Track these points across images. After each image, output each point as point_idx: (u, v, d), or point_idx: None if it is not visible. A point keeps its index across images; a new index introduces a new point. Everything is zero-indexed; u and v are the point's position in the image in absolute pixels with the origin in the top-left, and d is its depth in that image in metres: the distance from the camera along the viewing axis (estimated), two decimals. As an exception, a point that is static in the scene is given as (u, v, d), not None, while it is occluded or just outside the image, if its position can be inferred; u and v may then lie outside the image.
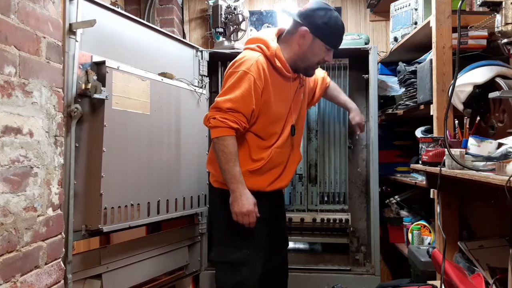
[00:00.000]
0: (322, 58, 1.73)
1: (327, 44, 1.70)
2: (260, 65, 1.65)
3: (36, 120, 1.36)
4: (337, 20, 1.70)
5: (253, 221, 1.63)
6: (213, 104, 1.66)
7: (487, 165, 1.24)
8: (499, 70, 1.50)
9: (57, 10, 1.48)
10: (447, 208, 1.74)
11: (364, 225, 2.51)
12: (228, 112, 1.61)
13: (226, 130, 1.61)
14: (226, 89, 1.65)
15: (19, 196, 1.29)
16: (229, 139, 1.61)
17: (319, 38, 1.68)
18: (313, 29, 1.67)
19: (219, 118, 1.61)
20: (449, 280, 1.47)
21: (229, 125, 1.60)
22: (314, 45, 1.69)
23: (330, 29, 1.68)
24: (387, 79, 2.54)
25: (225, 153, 1.61)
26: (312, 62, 1.74)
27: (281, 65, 1.70)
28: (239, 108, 1.62)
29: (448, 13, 1.74)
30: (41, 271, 1.39)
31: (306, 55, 1.71)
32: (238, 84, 1.63)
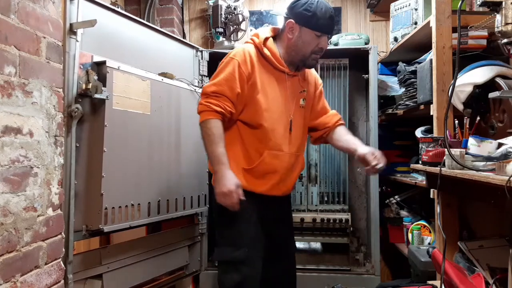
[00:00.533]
0: (316, 46, 1.69)
1: (315, 30, 1.66)
2: (246, 52, 1.67)
3: (36, 120, 1.36)
4: (320, 4, 1.66)
5: (235, 201, 1.57)
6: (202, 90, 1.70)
7: (487, 165, 1.24)
8: (499, 70, 1.50)
9: (57, 10, 1.48)
10: (447, 208, 1.74)
11: (364, 225, 2.51)
12: (211, 96, 1.62)
13: (209, 113, 1.61)
14: (213, 76, 1.68)
15: (19, 196, 1.29)
16: (212, 121, 1.61)
17: (305, 26, 1.66)
18: (297, 18, 1.66)
19: (204, 102, 1.63)
20: (449, 280, 1.47)
21: (213, 108, 1.60)
22: (302, 34, 1.67)
23: (314, 15, 1.65)
24: (387, 79, 2.54)
25: (209, 135, 1.61)
26: (306, 52, 1.70)
27: (271, 55, 1.70)
28: (223, 91, 1.62)
29: (448, 13, 1.74)
30: (41, 271, 1.38)
31: (297, 46, 1.69)
32: (223, 69, 1.65)
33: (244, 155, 1.69)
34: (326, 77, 2.49)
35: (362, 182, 2.55)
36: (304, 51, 1.70)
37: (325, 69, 2.48)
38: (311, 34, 1.67)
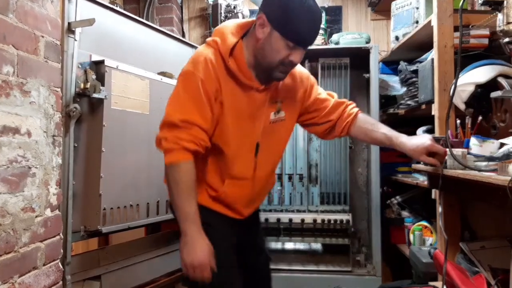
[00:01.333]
0: (285, 57, 1.31)
1: (285, 38, 1.28)
2: (209, 63, 1.32)
3: (34, 120, 1.35)
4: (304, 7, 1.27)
5: (207, 276, 1.28)
6: (163, 117, 1.33)
7: (489, 165, 1.23)
8: (501, 70, 1.49)
9: (56, 9, 1.48)
10: (448, 209, 1.73)
11: (365, 225, 2.50)
12: (180, 127, 1.28)
13: (179, 153, 1.28)
14: (173, 95, 1.34)
15: (17, 197, 1.28)
16: (183, 166, 1.28)
17: (276, 30, 1.28)
18: (270, 16, 1.29)
19: (169, 137, 1.28)
20: (451, 281, 1.46)
21: (185, 146, 1.27)
22: (271, 37, 1.30)
23: (290, 19, 1.27)
24: (388, 79, 2.53)
25: (178, 184, 1.29)
26: (273, 61, 1.32)
27: (238, 69, 1.35)
28: (194, 120, 1.28)
29: (449, 12, 1.73)
30: (39, 272, 1.38)
31: (264, 50, 1.32)
32: (185, 88, 1.32)
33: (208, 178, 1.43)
34: (327, 77, 2.48)
35: (363, 183, 2.54)
36: (270, 59, 1.33)
37: (326, 69, 2.47)
38: (281, 41, 1.29)
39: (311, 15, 1.30)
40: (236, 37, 1.37)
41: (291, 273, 2.38)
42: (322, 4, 3.04)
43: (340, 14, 3.09)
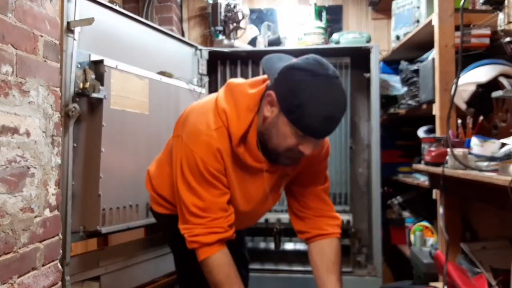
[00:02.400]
0: (294, 145, 1.14)
1: (294, 126, 1.11)
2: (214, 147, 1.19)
3: (33, 120, 1.35)
4: (319, 93, 1.08)
5: None
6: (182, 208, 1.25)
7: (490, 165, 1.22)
8: (502, 69, 1.49)
9: (55, 9, 1.47)
10: (449, 209, 1.72)
11: (366, 226, 2.50)
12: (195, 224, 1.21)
13: (203, 251, 1.21)
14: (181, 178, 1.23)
15: (16, 197, 1.28)
16: (211, 261, 1.20)
17: (284, 114, 1.11)
18: (279, 95, 1.12)
19: (189, 238, 1.22)
20: (452, 282, 1.46)
21: (204, 242, 1.19)
22: (279, 122, 1.13)
23: (301, 107, 1.07)
24: (389, 78, 2.52)
25: (213, 282, 1.22)
26: (279, 146, 1.16)
27: (247, 152, 1.21)
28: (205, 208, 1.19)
29: (450, 11, 1.73)
30: (38, 273, 1.37)
31: (271, 130, 1.16)
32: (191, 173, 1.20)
33: None
34: (327, 76, 2.47)
35: (364, 183, 2.53)
36: (276, 144, 1.16)
37: (326, 69, 2.46)
38: (288, 127, 1.12)
39: (326, 103, 1.09)
40: (252, 113, 1.19)
41: (292, 274, 2.38)
42: (323, 3, 3.04)
43: (340, 13, 3.08)
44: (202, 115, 1.23)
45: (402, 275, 2.47)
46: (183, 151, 1.23)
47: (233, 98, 1.21)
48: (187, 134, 1.23)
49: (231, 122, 1.18)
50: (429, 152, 1.57)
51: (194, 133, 1.21)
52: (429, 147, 1.62)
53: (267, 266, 2.43)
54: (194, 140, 1.20)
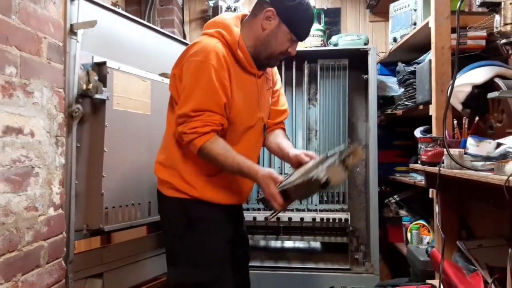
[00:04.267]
0: (285, 49, 1.48)
1: (293, 33, 1.45)
2: (220, 53, 1.40)
3: (37, 121, 1.37)
4: (309, 8, 1.46)
5: (279, 202, 1.38)
6: (176, 112, 1.42)
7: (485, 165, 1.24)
8: (498, 71, 1.50)
9: (58, 11, 1.49)
10: (446, 208, 1.74)
11: (364, 224, 2.52)
12: (193, 118, 1.37)
13: (200, 139, 1.37)
14: (185, 87, 1.41)
15: (21, 196, 1.29)
16: (208, 145, 1.37)
17: (285, 24, 1.43)
18: (280, 11, 1.43)
19: (188, 130, 1.37)
20: (448, 279, 1.48)
21: (201, 132, 1.36)
22: (279, 31, 1.44)
23: (299, 16, 1.44)
24: (387, 80, 2.54)
25: (216, 159, 1.39)
26: (275, 51, 1.48)
27: (244, 57, 1.47)
28: (205, 107, 1.37)
29: (447, 13, 1.75)
30: (42, 271, 1.39)
31: (269, 41, 1.46)
32: (197, 78, 1.38)
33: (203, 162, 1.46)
34: (326, 78, 2.49)
35: (362, 182, 2.55)
36: (273, 50, 1.48)
37: (325, 70, 2.49)
38: (287, 35, 1.45)
39: (311, 16, 1.50)
40: (238, 29, 1.48)
41: (291, 271, 2.40)
42: (321, 6, 3.06)
43: (339, 16, 3.10)
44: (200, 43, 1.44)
45: (399, 273, 2.49)
46: (194, 68, 1.39)
47: (222, 24, 1.48)
48: (195, 54, 1.41)
49: (226, 35, 1.44)
50: (425, 152, 1.59)
51: (202, 49, 1.40)
52: (425, 147, 1.63)
53: (267, 264, 2.44)
54: (203, 54, 1.39)
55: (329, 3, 3.13)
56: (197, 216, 1.48)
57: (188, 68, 1.41)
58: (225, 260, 1.52)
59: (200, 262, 1.46)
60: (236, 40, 1.45)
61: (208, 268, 1.46)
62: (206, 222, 1.49)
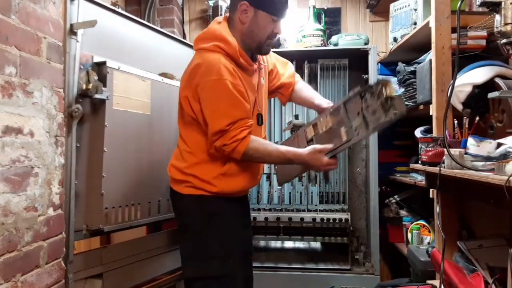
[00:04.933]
0: (271, 31, 1.58)
1: (272, 14, 1.54)
2: (228, 66, 1.51)
3: (37, 120, 1.36)
4: None
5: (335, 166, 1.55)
6: (210, 131, 1.51)
7: (486, 165, 1.24)
8: (499, 70, 1.50)
9: (58, 11, 1.49)
10: (446, 208, 1.74)
11: (364, 224, 2.52)
12: (230, 130, 1.48)
13: (241, 145, 1.49)
14: (210, 107, 1.51)
15: (20, 196, 1.29)
16: (251, 147, 1.50)
17: (261, 9, 1.53)
18: (252, 1, 1.53)
19: (228, 142, 1.49)
20: (449, 279, 1.48)
21: (240, 138, 1.48)
22: (257, 18, 1.54)
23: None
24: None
25: (263, 157, 1.55)
26: (262, 38, 1.58)
27: (244, 60, 1.57)
28: (236, 117, 1.49)
29: (447, 13, 1.75)
30: (42, 271, 1.39)
31: (252, 31, 1.56)
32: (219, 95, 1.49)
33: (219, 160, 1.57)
34: (326, 78, 2.49)
35: (362, 182, 2.55)
36: (260, 37, 1.57)
37: (325, 69, 2.49)
38: (267, 18, 1.55)
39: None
40: (233, 37, 1.56)
41: (291, 272, 2.40)
42: (321, 6, 3.06)
43: (339, 16, 3.10)
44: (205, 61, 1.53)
45: (400, 273, 2.49)
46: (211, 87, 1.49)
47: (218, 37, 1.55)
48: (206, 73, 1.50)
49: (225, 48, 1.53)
50: (426, 152, 1.59)
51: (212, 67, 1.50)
52: (426, 147, 1.63)
53: (267, 264, 2.44)
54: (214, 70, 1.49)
55: (329, 2, 3.13)
56: (215, 211, 1.57)
57: (204, 88, 1.50)
58: (240, 253, 1.60)
59: (216, 256, 1.54)
60: (235, 50, 1.54)
61: (224, 261, 1.54)
62: (224, 217, 1.58)
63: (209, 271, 1.53)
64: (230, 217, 1.60)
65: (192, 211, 1.59)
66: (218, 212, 1.57)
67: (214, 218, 1.57)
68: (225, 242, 1.56)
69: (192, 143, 1.60)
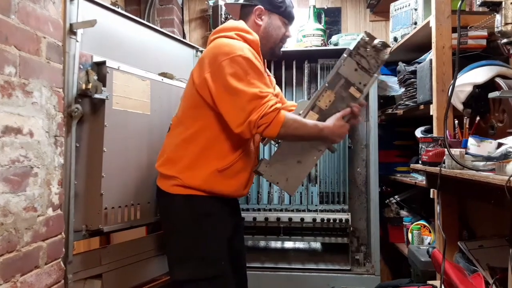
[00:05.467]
0: (283, 34, 1.70)
1: (284, 17, 1.68)
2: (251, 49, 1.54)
3: (36, 120, 1.36)
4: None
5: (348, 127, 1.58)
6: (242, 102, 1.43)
7: (487, 165, 1.24)
8: (499, 70, 1.50)
9: (58, 10, 1.49)
10: (447, 208, 1.74)
11: (364, 225, 2.51)
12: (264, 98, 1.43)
13: (280, 115, 1.44)
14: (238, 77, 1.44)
15: (19, 196, 1.29)
16: (288, 118, 1.45)
17: (275, 13, 1.67)
18: (265, 4, 1.65)
19: (269, 110, 1.42)
20: (449, 280, 1.47)
21: (277, 108, 1.44)
22: (272, 21, 1.67)
23: (283, 2, 1.68)
24: (387, 79, 2.54)
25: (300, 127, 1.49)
26: (276, 39, 1.68)
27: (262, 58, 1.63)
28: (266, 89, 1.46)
29: (447, 13, 1.75)
30: (41, 271, 1.39)
31: (268, 32, 1.67)
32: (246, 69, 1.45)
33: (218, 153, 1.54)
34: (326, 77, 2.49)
35: (362, 182, 2.55)
36: (275, 38, 1.68)
37: (325, 69, 2.48)
38: (280, 21, 1.67)
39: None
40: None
41: (291, 272, 2.40)
42: (322, 6, 3.06)
43: (339, 16, 3.10)
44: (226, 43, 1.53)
45: (400, 273, 2.49)
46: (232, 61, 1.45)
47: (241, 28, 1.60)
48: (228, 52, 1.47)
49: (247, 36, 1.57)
50: (426, 152, 1.59)
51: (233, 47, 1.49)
52: (426, 147, 1.63)
53: (267, 265, 2.44)
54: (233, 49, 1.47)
55: (329, 2, 3.13)
56: (204, 212, 1.54)
57: (228, 64, 1.45)
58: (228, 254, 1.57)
59: (207, 257, 1.52)
60: (258, 41, 1.59)
61: (215, 263, 1.52)
62: (212, 218, 1.55)
63: (200, 273, 1.50)
64: (218, 218, 1.57)
65: (180, 212, 1.55)
66: (206, 212, 1.54)
67: (203, 219, 1.54)
68: (215, 243, 1.53)
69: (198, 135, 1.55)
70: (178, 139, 1.59)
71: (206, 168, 1.53)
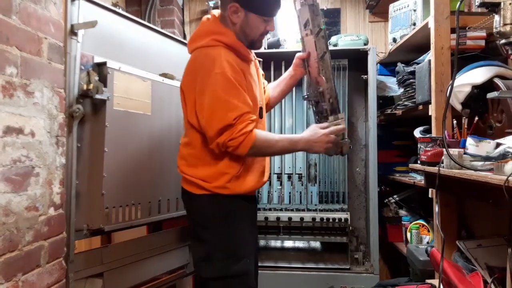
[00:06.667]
0: (263, 31, 1.59)
1: (262, 16, 1.55)
2: (228, 58, 1.50)
3: (38, 121, 1.37)
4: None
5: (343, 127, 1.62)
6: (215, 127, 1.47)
7: (485, 165, 1.25)
8: (498, 71, 1.51)
9: (59, 11, 1.49)
10: (445, 208, 1.75)
11: (363, 224, 2.52)
12: (236, 124, 1.45)
13: (249, 138, 1.46)
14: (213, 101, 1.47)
15: (21, 196, 1.30)
16: (258, 139, 1.48)
17: (251, 11, 1.53)
18: (242, 2, 1.52)
19: (236, 135, 1.45)
20: (448, 279, 1.48)
21: (247, 131, 1.46)
22: (248, 19, 1.54)
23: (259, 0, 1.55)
24: (386, 80, 2.55)
25: (269, 147, 1.54)
26: (254, 37, 1.59)
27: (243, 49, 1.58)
28: (241, 111, 1.46)
29: (446, 14, 1.75)
30: (43, 270, 1.39)
31: (244, 31, 1.56)
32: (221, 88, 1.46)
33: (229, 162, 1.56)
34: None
35: (361, 182, 2.56)
36: (252, 36, 1.58)
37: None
38: (257, 19, 1.55)
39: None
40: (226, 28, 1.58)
41: (291, 271, 2.40)
42: (321, 6, 3.06)
43: (338, 17, 3.11)
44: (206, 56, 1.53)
45: (399, 272, 2.50)
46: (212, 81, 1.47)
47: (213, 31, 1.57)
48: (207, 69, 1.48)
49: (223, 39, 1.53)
50: (425, 152, 1.60)
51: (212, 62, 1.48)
52: (425, 147, 1.64)
53: (266, 264, 2.45)
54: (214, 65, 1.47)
55: (328, 3, 3.14)
56: (230, 210, 1.57)
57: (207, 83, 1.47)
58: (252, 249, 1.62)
59: (234, 255, 1.54)
60: (234, 38, 1.55)
61: (241, 260, 1.54)
62: (238, 215, 1.58)
63: (228, 270, 1.52)
64: (244, 216, 1.60)
65: (208, 211, 1.58)
66: (232, 211, 1.57)
67: (229, 217, 1.57)
68: (242, 240, 1.57)
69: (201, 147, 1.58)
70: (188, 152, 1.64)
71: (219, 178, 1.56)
